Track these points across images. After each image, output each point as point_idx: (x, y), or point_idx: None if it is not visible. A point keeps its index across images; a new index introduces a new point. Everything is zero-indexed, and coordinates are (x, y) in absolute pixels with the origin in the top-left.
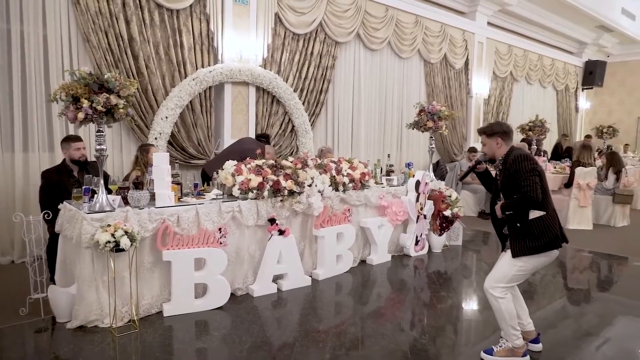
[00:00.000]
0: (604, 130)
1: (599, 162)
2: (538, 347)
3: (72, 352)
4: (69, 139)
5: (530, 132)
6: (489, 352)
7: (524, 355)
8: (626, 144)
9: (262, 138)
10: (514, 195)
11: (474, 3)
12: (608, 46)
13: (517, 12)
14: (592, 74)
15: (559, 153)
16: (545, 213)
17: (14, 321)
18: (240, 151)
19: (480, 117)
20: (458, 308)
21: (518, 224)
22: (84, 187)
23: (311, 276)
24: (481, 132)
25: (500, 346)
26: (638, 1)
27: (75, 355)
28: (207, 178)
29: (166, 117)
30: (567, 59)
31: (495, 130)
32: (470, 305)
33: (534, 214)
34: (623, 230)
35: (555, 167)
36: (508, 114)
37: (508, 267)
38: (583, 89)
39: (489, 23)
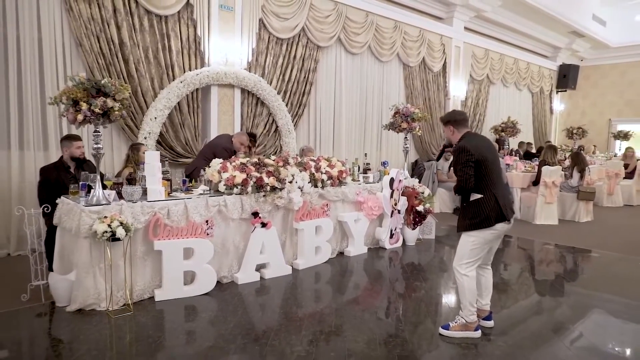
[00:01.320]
0: (574, 131)
1: (568, 162)
2: (490, 323)
3: (72, 332)
4: (70, 138)
5: (503, 133)
6: (446, 327)
7: (475, 329)
8: (594, 145)
9: (250, 137)
10: None
11: (451, 9)
12: (581, 50)
13: (493, 18)
14: (566, 77)
15: (531, 153)
16: (482, 197)
17: (17, 306)
18: (214, 146)
19: None
20: (431, 297)
21: (464, 204)
22: (80, 182)
23: (292, 266)
24: (440, 121)
25: (455, 322)
26: (608, 8)
27: (75, 335)
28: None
29: (155, 118)
30: (542, 62)
31: (447, 119)
32: (442, 294)
33: (473, 196)
34: (587, 225)
35: (525, 167)
36: (485, 115)
37: (464, 244)
38: (557, 92)
39: (465, 28)
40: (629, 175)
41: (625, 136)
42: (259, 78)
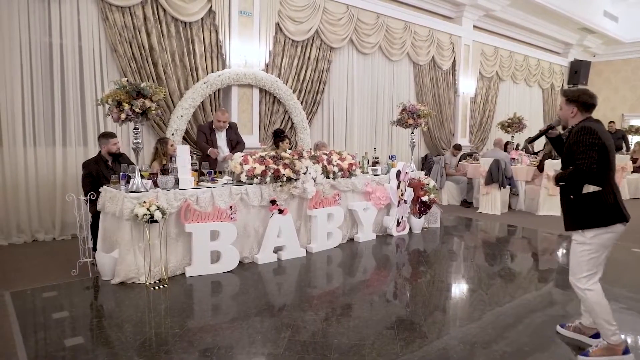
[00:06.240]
0: None
1: None
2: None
3: (117, 300)
4: (107, 136)
5: (509, 129)
6: (585, 354)
7: (624, 352)
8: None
9: (281, 132)
10: (570, 167)
11: (460, 9)
12: (593, 47)
13: (502, 16)
14: (577, 73)
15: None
16: (600, 189)
17: (68, 279)
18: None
19: (467, 115)
20: (435, 282)
21: (571, 197)
22: (120, 173)
23: (306, 249)
24: (562, 94)
25: (596, 346)
26: (620, 3)
27: (120, 301)
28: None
29: (181, 116)
30: (553, 59)
31: (575, 97)
32: (446, 279)
33: (588, 188)
34: None
35: (530, 160)
36: (494, 112)
37: (577, 254)
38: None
39: (475, 27)
40: (638, 169)
41: (636, 131)
42: (276, 78)
